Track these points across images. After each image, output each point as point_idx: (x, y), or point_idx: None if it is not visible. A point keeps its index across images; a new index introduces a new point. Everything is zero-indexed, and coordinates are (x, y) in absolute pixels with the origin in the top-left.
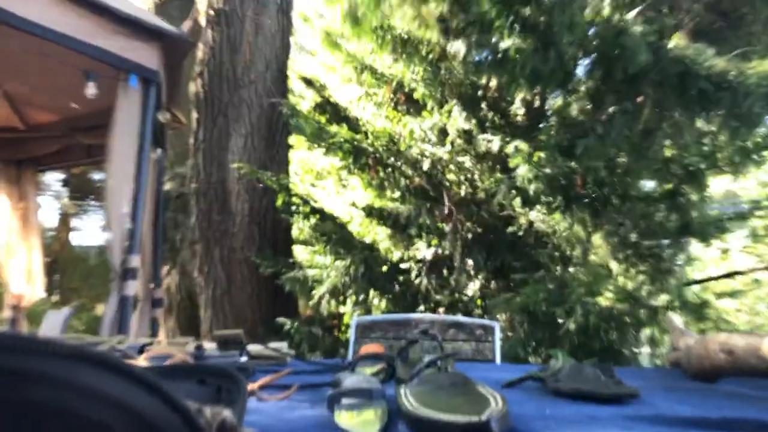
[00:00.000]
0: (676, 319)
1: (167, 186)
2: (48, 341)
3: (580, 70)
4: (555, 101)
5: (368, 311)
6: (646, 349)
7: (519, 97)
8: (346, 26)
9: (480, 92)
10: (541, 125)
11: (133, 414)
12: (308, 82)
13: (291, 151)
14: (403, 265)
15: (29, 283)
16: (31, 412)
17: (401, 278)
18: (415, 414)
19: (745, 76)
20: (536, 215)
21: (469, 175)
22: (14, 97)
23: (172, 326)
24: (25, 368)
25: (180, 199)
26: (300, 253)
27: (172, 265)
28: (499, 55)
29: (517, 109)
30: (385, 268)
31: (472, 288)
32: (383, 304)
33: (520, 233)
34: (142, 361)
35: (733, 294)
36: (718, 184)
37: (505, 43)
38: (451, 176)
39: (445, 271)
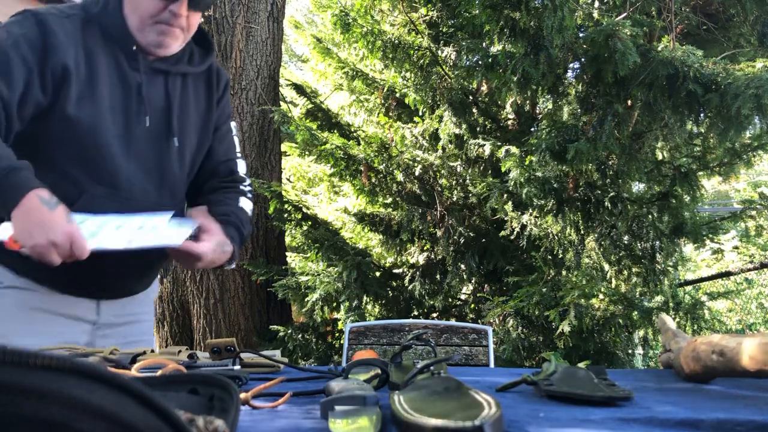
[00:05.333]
0: (668, 320)
1: None
2: (37, 354)
3: (570, 74)
4: (545, 105)
5: (361, 317)
6: (639, 351)
7: (510, 101)
8: (336, 32)
9: (471, 97)
10: (532, 129)
11: (124, 426)
12: (299, 89)
13: (283, 158)
14: (395, 271)
15: None
16: (21, 425)
17: (394, 283)
18: (409, 420)
19: (734, 78)
20: (528, 219)
21: (461, 180)
22: None
23: (164, 335)
24: (15, 382)
25: None
26: (292, 260)
27: (163, 273)
28: (490, 60)
29: (508, 114)
30: (378, 274)
31: (465, 292)
32: (376, 309)
33: (513, 237)
34: (134, 372)
35: (725, 294)
36: (707, 185)
37: (496, 48)
38: (443, 181)
39: (438, 276)
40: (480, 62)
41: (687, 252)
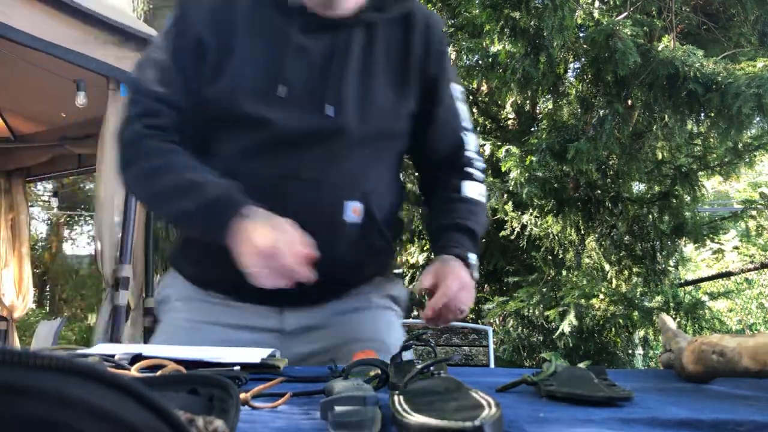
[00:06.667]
0: (669, 320)
1: None
2: (36, 354)
3: (570, 74)
4: (545, 105)
5: None
6: (639, 351)
7: (510, 101)
8: None
9: (471, 97)
10: (532, 129)
11: (124, 426)
12: None
13: None
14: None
15: (20, 294)
16: (21, 425)
17: None
18: (409, 420)
19: (734, 78)
20: (529, 219)
21: None
22: (3, 107)
23: None
24: (15, 382)
25: None
26: None
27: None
28: (490, 60)
29: (508, 114)
30: None
31: None
32: None
33: (513, 237)
34: (134, 372)
35: (725, 294)
36: (707, 185)
37: (496, 48)
38: None
39: None
40: (480, 62)
41: (687, 252)
